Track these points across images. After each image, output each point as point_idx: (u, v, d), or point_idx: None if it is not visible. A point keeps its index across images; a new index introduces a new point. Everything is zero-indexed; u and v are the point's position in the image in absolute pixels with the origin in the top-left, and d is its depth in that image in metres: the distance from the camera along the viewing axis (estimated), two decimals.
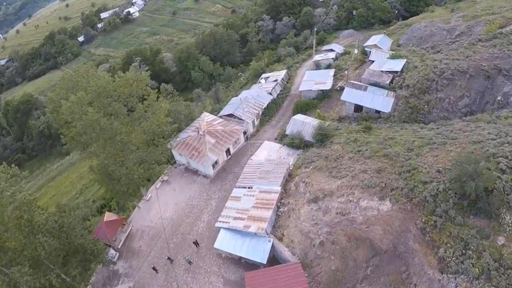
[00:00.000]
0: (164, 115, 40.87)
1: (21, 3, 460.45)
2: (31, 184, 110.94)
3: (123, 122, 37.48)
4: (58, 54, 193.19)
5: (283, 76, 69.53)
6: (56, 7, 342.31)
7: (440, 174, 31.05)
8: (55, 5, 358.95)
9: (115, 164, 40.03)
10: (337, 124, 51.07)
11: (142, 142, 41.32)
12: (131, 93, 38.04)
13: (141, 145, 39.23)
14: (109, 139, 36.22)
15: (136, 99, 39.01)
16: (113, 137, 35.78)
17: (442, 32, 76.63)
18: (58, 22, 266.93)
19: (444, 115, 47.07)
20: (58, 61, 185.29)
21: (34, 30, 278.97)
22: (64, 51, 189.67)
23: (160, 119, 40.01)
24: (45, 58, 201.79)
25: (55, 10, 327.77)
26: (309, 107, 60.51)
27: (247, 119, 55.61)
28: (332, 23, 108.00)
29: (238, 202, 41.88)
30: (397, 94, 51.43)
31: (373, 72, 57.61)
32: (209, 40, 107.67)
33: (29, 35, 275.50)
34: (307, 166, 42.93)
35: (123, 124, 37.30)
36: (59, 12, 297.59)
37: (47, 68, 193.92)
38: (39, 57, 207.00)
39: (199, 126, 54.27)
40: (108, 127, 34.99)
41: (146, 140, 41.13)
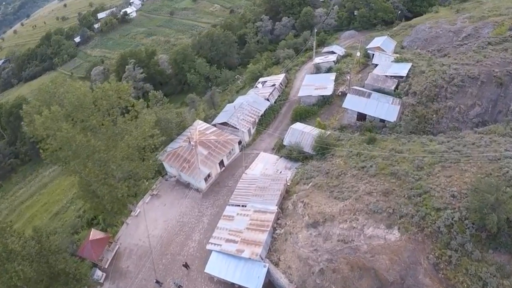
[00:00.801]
0: (150, 127, 37.40)
1: (20, 3, 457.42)
2: (23, 190, 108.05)
3: (102, 138, 34.04)
4: (54, 55, 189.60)
5: (281, 81, 66.02)
6: (54, 7, 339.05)
7: (455, 199, 27.59)
8: (53, 5, 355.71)
9: (97, 182, 36.67)
10: (339, 134, 47.59)
11: (127, 156, 37.92)
12: (111, 105, 34.57)
13: (124, 162, 35.84)
14: (86, 158, 32.86)
15: (118, 111, 35.50)
16: (91, 155, 32.42)
17: (448, 34, 72.88)
18: (56, 22, 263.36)
19: (454, 126, 43.56)
20: (54, 62, 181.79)
21: (32, 30, 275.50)
22: (60, 52, 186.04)
23: (145, 132, 36.56)
24: (42, 59, 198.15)
25: (53, 10, 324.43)
26: (308, 114, 57.03)
27: (242, 128, 52.17)
28: (333, 24, 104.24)
29: (231, 222, 38.48)
30: (403, 102, 47.90)
31: (377, 77, 54.13)
32: (206, 41, 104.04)
33: (27, 35, 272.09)
34: (306, 183, 39.47)
35: (102, 140, 33.86)
36: (57, 12, 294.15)
37: (43, 69, 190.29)
38: (35, 58, 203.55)
39: (191, 136, 50.89)
40: (85, 144, 31.62)
41: (131, 154, 37.69)
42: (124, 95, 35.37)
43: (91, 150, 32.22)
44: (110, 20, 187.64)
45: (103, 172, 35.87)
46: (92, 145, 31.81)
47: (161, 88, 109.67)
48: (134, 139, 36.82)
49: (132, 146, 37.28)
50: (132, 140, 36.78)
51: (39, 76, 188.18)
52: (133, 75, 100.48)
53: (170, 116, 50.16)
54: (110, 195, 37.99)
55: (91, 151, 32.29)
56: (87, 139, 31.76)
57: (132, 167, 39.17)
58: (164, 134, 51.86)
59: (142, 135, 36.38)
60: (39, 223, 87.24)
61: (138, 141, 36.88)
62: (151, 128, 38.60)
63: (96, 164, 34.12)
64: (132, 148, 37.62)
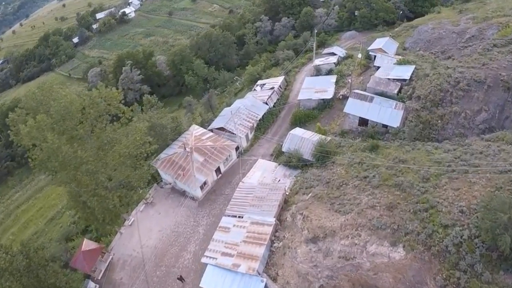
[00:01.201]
0: (142, 135, 35.68)
1: (20, 3, 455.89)
2: (19, 194, 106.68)
3: (90, 149, 32.34)
4: (52, 56, 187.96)
5: (280, 83, 64.27)
6: (53, 7, 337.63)
7: (464, 215, 25.84)
8: (53, 5, 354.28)
9: (86, 193, 35.03)
10: (340, 140, 45.85)
11: (119, 165, 36.26)
12: (100, 113, 32.84)
13: (115, 172, 34.18)
14: (74, 169, 31.20)
15: (107, 120, 33.71)
16: (79, 166, 30.76)
17: (452, 35, 71.01)
18: (55, 22, 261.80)
19: (460, 132, 41.77)
20: (52, 63, 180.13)
21: (30, 30, 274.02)
22: (58, 53, 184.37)
23: (136, 140, 34.86)
24: (40, 60, 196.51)
25: (52, 10, 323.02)
26: (308, 119, 55.29)
27: (240, 134, 50.45)
28: (333, 24, 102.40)
29: (227, 234, 36.77)
30: (407, 106, 46.12)
31: (379, 80, 52.35)
32: (204, 42, 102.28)
33: (25, 35, 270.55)
34: (306, 192, 37.75)
35: (91, 150, 32.18)
36: (56, 12, 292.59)
37: (41, 70, 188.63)
38: (33, 59, 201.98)
39: (186, 142, 49.22)
40: (72, 156, 29.96)
41: (122, 163, 36.02)
42: (113, 102, 33.64)
43: (78, 162, 30.56)
44: (109, 20, 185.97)
45: (92, 183, 34.19)
46: (79, 157, 30.13)
47: (159, 90, 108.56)
48: (125, 148, 35.12)
49: (123, 155, 35.59)
50: (123, 149, 35.09)
51: (37, 77, 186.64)
52: (130, 76, 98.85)
53: (165, 122, 48.47)
54: (101, 206, 36.35)
55: (79, 162, 30.63)
56: (73, 150, 30.08)
57: (124, 176, 37.50)
58: (158, 139, 50.31)
59: (133, 143, 34.68)
60: (34, 229, 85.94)
61: (130, 150, 35.18)
62: (143, 136, 36.91)
63: (85, 175, 32.45)
64: (123, 157, 35.92)
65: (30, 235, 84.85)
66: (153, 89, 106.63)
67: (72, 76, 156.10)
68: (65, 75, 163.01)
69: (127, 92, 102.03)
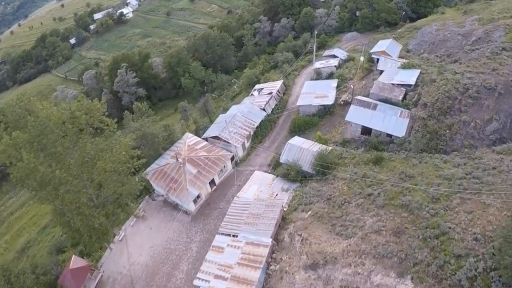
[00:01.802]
0: (127, 149, 33.13)
1: (20, 3, 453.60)
2: (13, 200, 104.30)
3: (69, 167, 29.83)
4: (49, 57, 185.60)
5: (278, 88, 61.63)
6: (52, 7, 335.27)
7: (478, 243, 23.28)
8: (51, 6, 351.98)
9: (70, 211, 32.53)
10: (341, 150, 43.21)
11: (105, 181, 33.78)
12: (81, 128, 30.30)
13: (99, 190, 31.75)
14: (53, 189, 28.75)
15: (90, 134, 31.07)
16: (58, 187, 28.31)
17: (457, 37, 68.34)
18: (53, 23, 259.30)
19: (470, 143, 39.12)
20: (49, 65, 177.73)
21: (29, 31, 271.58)
22: (55, 54, 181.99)
23: (121, 155, 32.34)
24: (37, 61, 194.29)
25: (50, 10, 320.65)
26: (308, 126, 52.68)
27: (236, 143, 47.89)
28: (334, 25, 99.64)
29: (221, 255, 34.23)
30: (412, 115, 43.50)
31: (383, 85, 49.70)
32: (201, 43, 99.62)
33: (23, 36, 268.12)
34: (305, 209, 35.20)
35: (70, 170, 29.67)
36: (54, 13, 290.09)
37: (38, 71, 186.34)
38: (30, 60, 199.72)
39: (179, 152, 46.69)
40: (50, 176, 27.52)
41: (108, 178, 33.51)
42: (96, 114, 31.10)
43: (57, 182, 28.11)
44: (106, 21, 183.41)
45: (75, 202, 31.70)
46: (58, 177, 27.67)
47: (155, 93, 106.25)
48: (110, 163, 32.59)
49: (109, 170, 33.06)
50: (109, 164, 32.56)
51: (34, 78, 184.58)
52: (125, 79, 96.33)
53: (156, 131, 45.92)
54: (86, 225, 33.85)
55: (58, 183, 28.18)
56: (51, 170, 27.60)
57: (111, 192, 34.97)
58: (150, 149, 47.87)
59: (118, 159, 32.15)
60: (27, 237, 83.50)
61: (115, 165, 32.66)
62: (130, 150, 34.39)
63: (67, 194, 30.00)
64: (109, 172, 33.40)
65: (23, 243, 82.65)
66: (149, 92, 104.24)
67: (68, 78, 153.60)
68: (61, 77, 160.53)
69: (122, 95, 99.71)
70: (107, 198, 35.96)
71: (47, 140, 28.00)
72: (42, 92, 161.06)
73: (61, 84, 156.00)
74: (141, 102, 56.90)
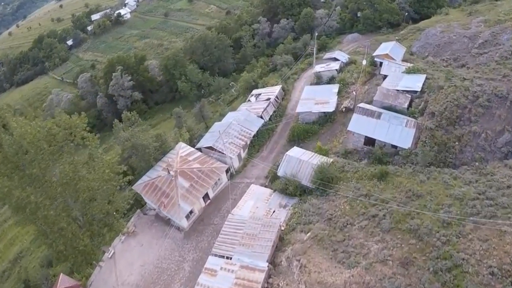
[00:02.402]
0: (110, 167, 30.59)
1: (19, 3, 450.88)
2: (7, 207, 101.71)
3: (46, 191, 27.33)
4: (46, 58, 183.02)
5: (277, 93, 58.99)
6: (50, 8, 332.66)
7: (495, 278, 20.79)
8: (50, 6, 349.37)
9: (52, 233, 30.08)
10: (343, 163, 40.59)
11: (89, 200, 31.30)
12: (60, 146, 27.68)
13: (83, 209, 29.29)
14: (31, 214, 26.29)
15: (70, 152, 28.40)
16: (35, 212, 25.84)
17: (463, 39, 65.62)
18: (51, 24, 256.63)
19: (480, 156, 36.47)
20: (46, 67, 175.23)
21: (27, 32, 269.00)
22: (52, 56, 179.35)
23: (103, 175, 29.82)
24: (34, 63, 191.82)
25: (49, 11, 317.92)
26: (308, 134, 50.02)
27: (231, 154, 45.29)
28: (334, 26, 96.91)
29: (214, 279, 31.71)
30: (419, 124, 40.83)
31: (387, 91, 47.03)
32: (198, 45, 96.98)
33: (21, 37, 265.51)
34: (304, 230, 32.64)
35: (48, 192, 27.19)
36: (53, 13, 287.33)
37: (35, 73, 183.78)
38: (27, 62, 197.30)
39: (171, 164, 44.12)
40: (25, 200, 25.05)
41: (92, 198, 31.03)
42: (77, 130, 28.53)
43: (33, 207, 25.64)
44: (104, 22, 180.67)
45: (56, 224, 29.23)
46: (33, 202, 25.21)
47: (152, 96, 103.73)
48: (94, 181, 30.07)
49: (92, 189, 30.56)
50: (92, 183, 30.04)
51: (31, 80, 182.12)
52: (121, 83, 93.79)
53: (147, 142, 43.36)
54: (70, 246, 31.38)
55: (34, 208, 25.71)
56: (26, 195, 25.13)
57: (96, 211, 32.47)
58: (141, 161, 45.35)
59: (101, 177, 29.63)
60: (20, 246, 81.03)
61: (99, 184, 30.15)
62: (115, 167, 31.86)
63: (45, 218, 27.57)
64: (93, 190, 30.90)
65: (15, 253, 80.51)
66: (146, 95, 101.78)
67: (64, 81, 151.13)
68: (58, 79, 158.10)
69: (118, 99, 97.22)
70: (93, 217, 33.49)
71: (23, 161, 25.51)
72: (39, 95, 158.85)
73: (57, 87, 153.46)
74: (137, 106, 54.16)
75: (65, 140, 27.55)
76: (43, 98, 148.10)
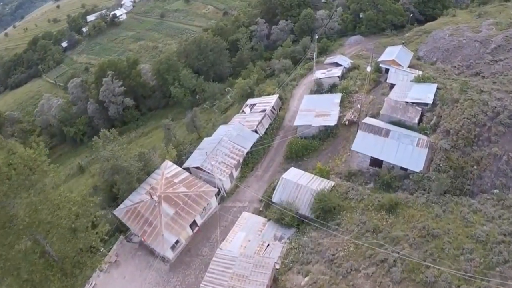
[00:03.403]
0: (78, 204, 26.32)
1: (18, 3, 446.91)
2: None
3: None
4: (40, 61, 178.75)
5: (273, 104, 54.48)
6: (47, 8, 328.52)
7: None
8: (48, 6, 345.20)
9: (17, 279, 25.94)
10: (346, 187, 36.20)
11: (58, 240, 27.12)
12: (12, 186, 23.17)
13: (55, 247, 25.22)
14: None
15: (27, 192, 23.88)
16: None
17: (474, 43, 61.12)
18: (47, 24, 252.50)
19: (502, 183, 31.94)
20: (40, 69, 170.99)
21: (23, 33, 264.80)
22: (46, 58, 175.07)
23: (71, 211, 25.61)
24: (28, 66, 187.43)
25: (46, 11, 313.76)
26: (307, 151, 45.54)
27: (221, 175, 40.94)
28: (336, 28, 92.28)
29: None
30: (432, 144, 36.38)
31: (395, 104, 42.52)
32: (193, 49, 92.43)
33: (18, 38, 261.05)
34: (301, 271, 28.34)
35: None
36: (49, 14, 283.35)
37: (29, 76, 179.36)
38: (22, 64, 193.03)
39: (155, 186, 39.85)
40: None
41: (62, 237, 26.86)
42: (35, 164, 24.16)
43: None
44: (99, 23, 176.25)
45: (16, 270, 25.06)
46: None
47: (144, 102, 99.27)
48: (58, 219, 25.82)
49: (58, 227, 26.33)
50: (57, 221, 25.81)
51: (25, 83, 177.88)
52: (111, 88, 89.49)
53: (127, 164, 39.00)
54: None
55: None
56: None
57: (66, 252, 28.22)
58: (122, 183, 41.06)
59: (67, 216, 25.41)
60: None
61: (65, 222, 25.93)
62: (87, 198, 27.65)
63: None
64: (62, 228, 26.68)
65: None
66: (138, 101, 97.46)
67: (58, 84, 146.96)
68: (51, 83, 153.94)
69: (108, 105, 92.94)
70: (66, 254, 29.24)
71: None
72: (32, 99, 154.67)
73: (50, 91, 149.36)
74: (129, 112, 49.17)
75: (17, 180, 23.18)
76: (36, 102, 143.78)
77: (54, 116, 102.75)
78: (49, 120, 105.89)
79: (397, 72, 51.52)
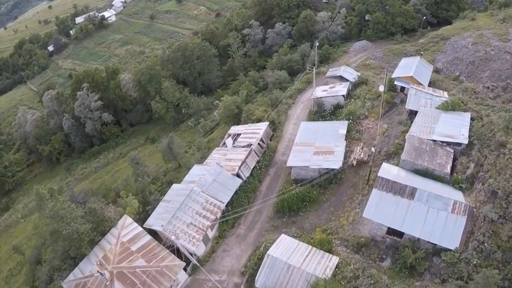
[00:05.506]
0: None
1: (14, 3, 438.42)
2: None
3: None
4: (25, 66, 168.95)
5: (262, 135, 44.08)
6: (40, 9, 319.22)
7: None
8: (40, 7, 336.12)
9: None
10: (355, 267, 26.30)
11: None
12: None
13: None
14: None
15: None
16: None
17: (504, 56, 51.17)
18: (37, 26, 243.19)
19: None
20: (24, 75, 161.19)
21: (13, 35, 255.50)
22: (31, 63, 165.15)
23: None
24: (13, 71, 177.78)
25: (38, 12, 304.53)
26: (303, 204, 35.31)
27: (191, 244, 30.98)
28: (339, 32, 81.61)
29: None
30: (471, 208, 26.32)
31: (420, 145, 32.52)
32: (177, 57, 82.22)
33: (7, 40, 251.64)
34: None
35: None
36: (41, 15, 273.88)
37: (14, 82, 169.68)
38: (7, 69, 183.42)
39: (108, 255, 30.09)
40: None
41: None
42: None
43: None
44: (86, 26, 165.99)
45: None
46: None
47: (126, 116, 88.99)
48: None
49: None
50: None
51: (10, 90, 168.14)
52: (87, 103, 79.68)
53: (74, 226, 29.27)
54: None
55: None
56: None
57: None
58: (70, 249, 31.36)
59: None
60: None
61: None
62: None
63: None
64: None
65: None
66: (118, 115, 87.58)
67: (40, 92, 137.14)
68: (34, 90, 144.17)
69: (85, 121, 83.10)
70: None
71: None
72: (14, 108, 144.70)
73: (33, 99, 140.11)
74: (108, 129, 39.20)
75: None
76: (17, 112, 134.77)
77: (30, 132, 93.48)
78: (26, 135, 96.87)
79: (418, 94, 41.08)
